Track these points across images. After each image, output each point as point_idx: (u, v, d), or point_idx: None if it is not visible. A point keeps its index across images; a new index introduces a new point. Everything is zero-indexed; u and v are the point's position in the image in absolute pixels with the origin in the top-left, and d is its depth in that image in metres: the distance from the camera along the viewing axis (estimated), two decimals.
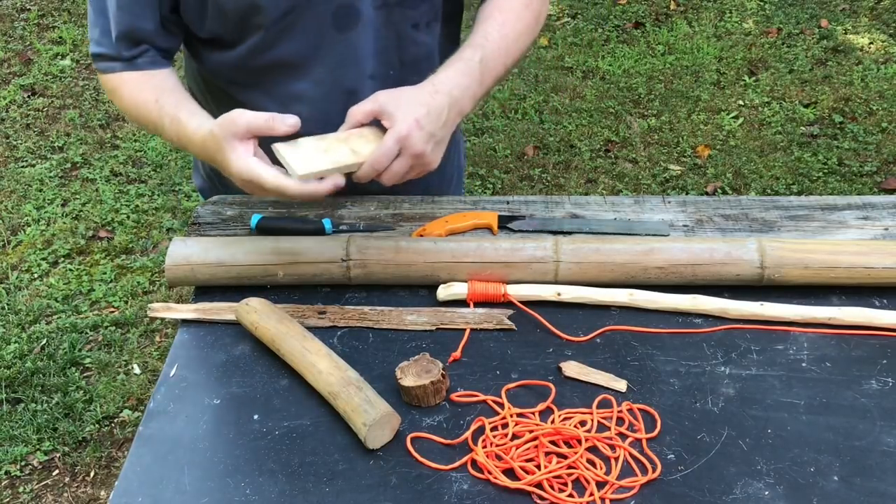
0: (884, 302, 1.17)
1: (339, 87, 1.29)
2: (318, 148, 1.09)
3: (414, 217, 1.33)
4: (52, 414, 2.36)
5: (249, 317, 1.10)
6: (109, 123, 3.59)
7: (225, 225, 1.32)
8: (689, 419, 1.01)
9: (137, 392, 2.45)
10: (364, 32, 1.26)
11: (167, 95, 1.23)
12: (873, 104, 3.62)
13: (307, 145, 1.09)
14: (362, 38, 1.26)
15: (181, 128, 1.17)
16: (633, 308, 1.16)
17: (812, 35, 4.09)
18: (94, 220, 3.05)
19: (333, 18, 1.23)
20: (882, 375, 1.07)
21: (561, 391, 1.05)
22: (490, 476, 0.94)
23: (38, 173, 3.28)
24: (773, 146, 3.40)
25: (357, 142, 1.11)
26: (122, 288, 2.77)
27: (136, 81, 1.26)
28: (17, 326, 2.63)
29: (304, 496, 0.93)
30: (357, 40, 1.26)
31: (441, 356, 1.07)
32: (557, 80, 3.82)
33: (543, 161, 3.36)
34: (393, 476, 0.95)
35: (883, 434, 0.99)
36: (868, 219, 1.31)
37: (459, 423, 1.01)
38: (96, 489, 2.22)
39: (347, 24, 1.24)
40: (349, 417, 0.98)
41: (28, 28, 4.20)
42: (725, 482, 0.94)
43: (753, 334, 1.13)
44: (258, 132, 1.07)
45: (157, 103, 1.22)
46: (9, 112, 3.65)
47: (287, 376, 1.07)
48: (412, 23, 1.29)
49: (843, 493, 0.93)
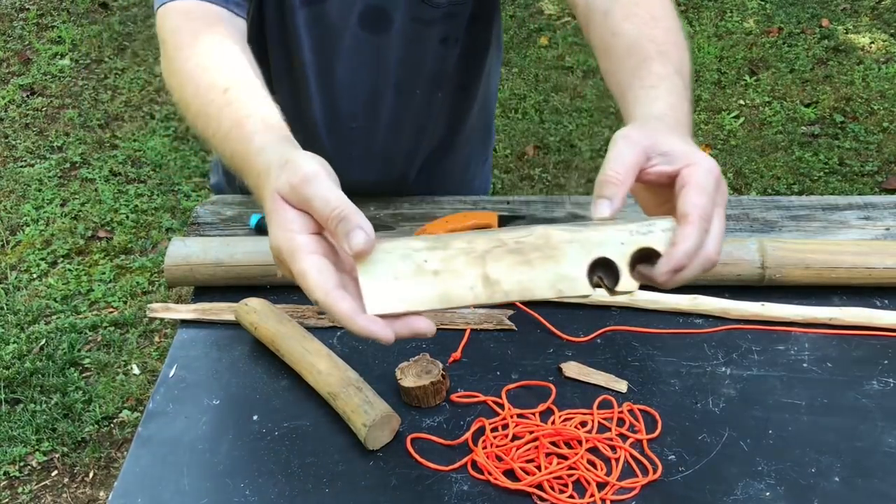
0: (885, 302, 1.16)
1: (356, 90, 1.25)
2: (421, 264, 0.68)
3: (414, 217, 1.32)
4: (51, 414, 2.35)
5: (249, 317, 1.10)
6: (108, 123, 3.59)
7: (224, 225, 1.31)
8: (689, 420, 1.01)
9: (136, 392, 2.44)
10: (395, 40, 1.22)
11: (242, 87, 0.92)
12: (874, 104, 3.62)
13: (405, 252, 0.68)
14: (393, 43, 1.22)
15: (242, 145, 0.85)
16: (634, 308, 1.16)
17: (813, 34, 4.09)
18: (94, 220, 3.05)
19: (360, 17, 1.20)
20: (883, 376, 1.06)
21: (561, 392, 1.04)
22: (490, 477, 0.94)
23: (36, 173, 3.28)
24: (773, 146, 3.40)
25: (499, 257, 0.68)
26: (122, 288, 2.77)
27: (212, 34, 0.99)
28: (16, 327, 2.63)
29: (304, 497, 0.93)
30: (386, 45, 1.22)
31: (441, 356, 1.07)
32: (558, 79, 3.82)
33: (544, 161, 3.36)
34: (393, 477, 0.95)
35: (884, 435, 0.99)
36: (869, 219, 1.31)
37: (459, 424, 1.01)
38: (95, 490, 2.22)
39: (375, 26, 1.20)
40: (349, 418, 0.98)
41: (27, 27, 4.20)
42: (726, 483, 0.94)
43: (754, 335, 1.12)
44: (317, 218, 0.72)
45: (225, 94, 0.91)
46: (7, 112, 3.65)
47: (287, 377, 1.07)
48: (441, 37, 1.25)
49: (845, 494, 0.92)
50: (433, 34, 1.24)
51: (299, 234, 0.72)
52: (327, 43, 1.23)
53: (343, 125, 1.29)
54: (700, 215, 0.70)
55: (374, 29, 1.21)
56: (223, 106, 0.90)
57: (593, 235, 0.70)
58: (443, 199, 1.37)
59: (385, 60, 1.25)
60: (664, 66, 0.89)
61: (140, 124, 3.56)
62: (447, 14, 1.22)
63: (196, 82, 0.95)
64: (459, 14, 1.24)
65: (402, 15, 1.21)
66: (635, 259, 0.70)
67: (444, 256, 0.68)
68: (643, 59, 0.91)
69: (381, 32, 1.22)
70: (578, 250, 0.69)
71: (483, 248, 0.68)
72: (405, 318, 0.68)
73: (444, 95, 1.33)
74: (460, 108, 1.38)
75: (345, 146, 1.31)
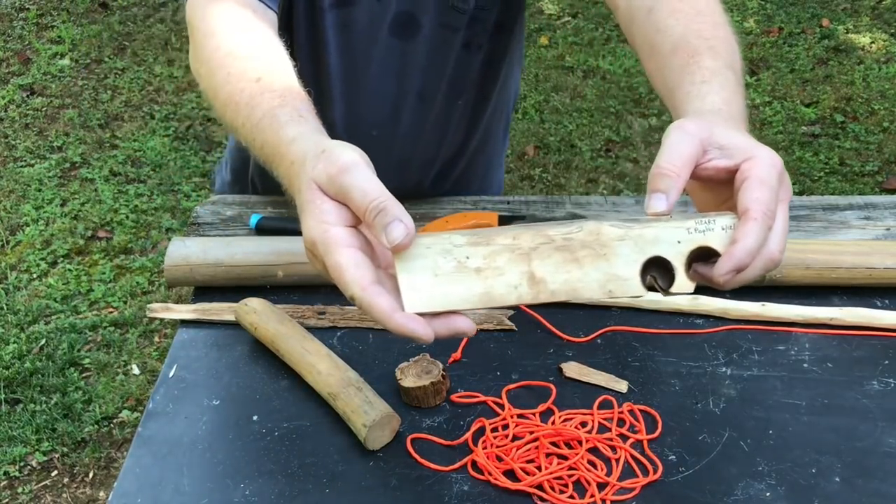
0: (885, 302, 1.16)
1: (381, 96, 1.24)
2: (463, 261, 0.66)
3: (414, 217, 1.31)
4: (50, 414, 2.35)
5: (249, 317, 1.10)
6: (108, 123, 3.59)
7: (224, 225, 1.31)
8: (690, 420, 1.01)
9: (136, 392, 2.44)
10: (422, 45, 1.21)
11: (275, 77, 0.90)
12: (875, 104, 3.62)
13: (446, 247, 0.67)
14: (420, 48, 1.22)
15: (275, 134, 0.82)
16: (634, 308, 1.16)
17: (813, 34, 4.09)
18: (93, 220, 3.05)
19: (391, 23, 1.19)
20: (884, 376, 1.06)
21: (561, 392, 1.04)
22: (490, 477, 0.94)
23: (36, 173, 3.28)
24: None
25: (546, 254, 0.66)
26: (122, 288, 2.77)
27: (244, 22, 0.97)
28: (16, 327, 2.62)
29: (304, 497, 0.93)
30: (413, 51, 1.21)
31: (441, 357, 1.07)
32: (558, 79, 3.82)
33: (544, 161, 3.35)
34: (393, 477, 0.95)
35: (884, 435, 0.99)
36: (870, 219, 1.31)
37: (459, 424, 1.01)
38: (95, 490, 2.22)
39: (404, 32, 1.20)
40: (349, 418, 0.98)
41: (27, 27, 4.20)
42: (727, 483, 0.94)
43: (755, 335, 1.12)
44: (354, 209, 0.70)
45: (258, 83, 0.89)
46: (7, 112, 3.65)
47: (287, 377, 1.07)
48: (464, 42, 1.24)
49: (845, 495, 0.92)
50: (457, 39, 1.23)
51: (335, 226, 0.69)
52: (355, 47, 1.22)
53: (363, 132, 1.28)
54: (763, 211, 0.66)
55: (402, 35, 1.21)
56: (255, 94, 0.88)
57: (647, 233, 0.66)
58: (442, 198, 1.36)
59: (410, 66, 1.24)
60: (714, 61, 0.86)
61: (140, 124, 3.56)
62: (472, 18, 1.22)
63: (227, 70, 0.92)
64: (484, 20, 1.23)
65: (430, 20, 1.20)
66: (691, 258, 0.67)
67: (487, 253, 0.65)
68: (692, 55, 0.88)
69: (408, 38, 1.21)
70: (631, 249, 0.65)
71: (529, 244, 0.65)
72: (446, 316, 0.66)
73: (465, 103, 1.32)
74: (479, 116, 1.37)
75: None
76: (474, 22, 1.23)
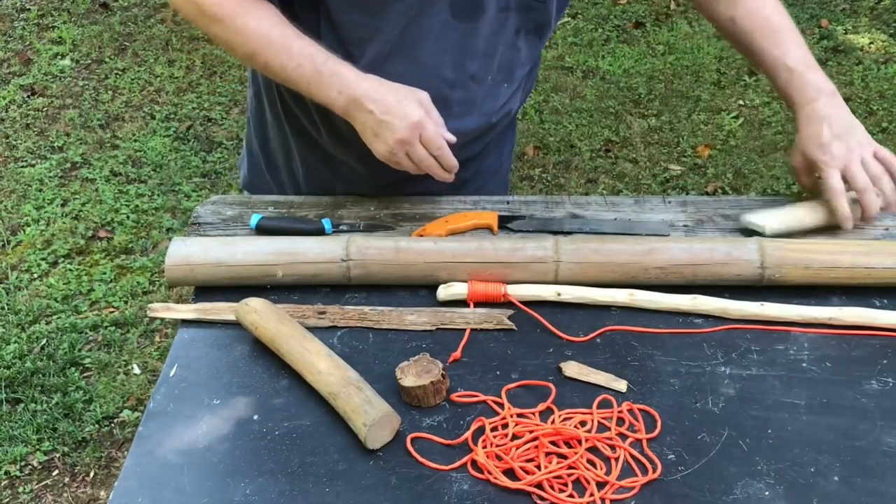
0: (884, 302, 1.17)
1: (435, 77, 1.23)
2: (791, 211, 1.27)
3: (414, 217, 1.33)
4: (51, 414, 2.35)
5: (249, 317, 1.10)
6: (109, 123, 3.59)
7: (225, 225, 1.32)
8: (689, 419, 1.01)
9: (137, 392, 2.44)
10: (482, 28, 1.22)
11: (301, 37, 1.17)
12: (874, 104, 3.62)
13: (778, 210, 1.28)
14: (480, 32, 1.22)
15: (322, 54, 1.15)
16: (634, 308, 1.16)
17: (812, 35, 4.09)
18: (94, 220, 3.05)
19: (451, 6, 1.19)
20: (882, 376, 1.07)
21: (561, 391, 1.05)
22: (490, 476, 0.94)
23: (37, 173, 3.28)
24: (773, 146, 3.40)
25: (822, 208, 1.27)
26: (122, 288, 2.77)
27: None
28: (17, 326, 2.63)
29: (304, 496, 0.93)
30: (473, 34, 1.22)
31: (441, 356, 1.07)
32: (558, 79, 3.82)
33: (543, 161, 3.36)
34: (393, 476, 0.95)
35: (883, 434, 0.99)
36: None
37: (459, 424, 1.01)
38: (96, 489, 2.22)
39: (468, 14, 1.20)
40: (349, 418, 0.98)
41: (28, 28, 4.20)
42: (726, 482, 0.94)
43: (754, 334, 1.13)
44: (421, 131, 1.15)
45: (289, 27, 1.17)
46: (8, 112, 3.65)
47: (287, 376, 1.07)
48: (516, 28, 1.26)
49: (844, 494, 0.93)
50: (511, 24, 1.24)
51: None
52: (414, 22, 1.20)
53: None
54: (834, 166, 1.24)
55: (466, 16, 1.21)
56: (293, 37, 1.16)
57: None
58: (442, 198, 1.37)
59: (469, 48, 1.23)
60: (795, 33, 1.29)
61: (140, 124, 3.56)
62: (526, 7, 1.23)
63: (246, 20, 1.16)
64: (536, 9, 1.25)
65: (494, 4, 1.21)
66: None
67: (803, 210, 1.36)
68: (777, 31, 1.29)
69: (472, 20, 1.21)
70: None
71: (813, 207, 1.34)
72: None
73: (507, 89, 1.33)
74: (512, 104, 1.38)
75: None
76: (527, 10, 1.24)
